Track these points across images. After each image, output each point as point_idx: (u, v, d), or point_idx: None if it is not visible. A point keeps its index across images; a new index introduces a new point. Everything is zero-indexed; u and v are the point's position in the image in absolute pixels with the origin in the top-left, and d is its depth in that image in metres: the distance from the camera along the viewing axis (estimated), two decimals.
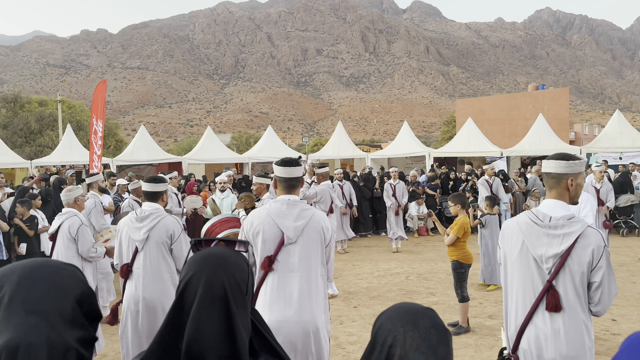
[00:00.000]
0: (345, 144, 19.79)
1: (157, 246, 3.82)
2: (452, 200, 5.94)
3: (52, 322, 1.01)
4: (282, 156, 15.76)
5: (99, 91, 12.52)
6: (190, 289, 1.27)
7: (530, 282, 2.44)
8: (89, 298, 1.12)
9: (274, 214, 2.95)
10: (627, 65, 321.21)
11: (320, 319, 2.91)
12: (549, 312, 2.37)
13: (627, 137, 15.43)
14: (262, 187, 6.29)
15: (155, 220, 3.88)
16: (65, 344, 1.02)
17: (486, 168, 11.18)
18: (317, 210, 3.07)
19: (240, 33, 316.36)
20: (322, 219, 3.03)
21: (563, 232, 2.38)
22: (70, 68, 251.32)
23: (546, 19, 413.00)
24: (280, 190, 3.08)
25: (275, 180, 3.13)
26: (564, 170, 2.49)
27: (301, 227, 2.92)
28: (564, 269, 2.36)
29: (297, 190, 3.07)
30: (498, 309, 6.48)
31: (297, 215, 2.94)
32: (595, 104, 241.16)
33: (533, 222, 2.48)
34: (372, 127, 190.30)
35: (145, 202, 4.07)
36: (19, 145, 33.65)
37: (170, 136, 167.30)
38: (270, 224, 2.94)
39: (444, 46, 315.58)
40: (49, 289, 1.05)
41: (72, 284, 1.09)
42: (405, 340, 1.17)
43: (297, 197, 3.05)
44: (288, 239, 2.90)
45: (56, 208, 8.06)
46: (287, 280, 2.88)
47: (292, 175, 3.03)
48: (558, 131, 22.37)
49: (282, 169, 3.05)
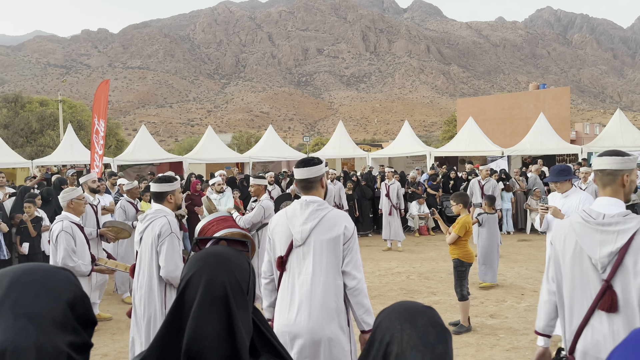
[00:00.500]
0: (346, 143, 19.77)
1: (148, 248, 3.75)
2: (454, 200, 5.94)
3: (42, 326, 1.00)
4: (283, 156, 15.71)
5: (101, 91, 12.52)
6: (191, 289, 1.27)
7: (586, 283, 2.35)
8: (82, 302, 1.10)
9: (288, 215, 2.91)
10: (628, 64, 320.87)
11: (330, 328, 2.70)
12: (605, 312, 2.27)
13: (628, 136, 15.41)
14: (261, 188, 6.28)
15: (147, 222, 3.79)
16: (56, 347, 1.00)
17: (481, 169, 11.14)
18: (332, 210, 2.90)
19: (241, 33, 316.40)
20: (337, 217, 2.85)
21: (618, 229, 2.30)
22: (71, 68, 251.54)
23: (547, 18, 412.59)
24: (299, 191, 3.01)
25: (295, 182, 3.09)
26: (619, 166, 2.43)
27: (309, 229, 2.80)
28: (622, 268, 2.26)
29: (315, 192, 2.93)
30: (499, 308, 6.48)
31: (307, 217, 2.84)
32: (597, 103, 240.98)
33: (585, 221, 2.41)
34: (372, 127, 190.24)
35: (152, 203, 3.98)
36: (20, 145, 33.68)
37: (171, 136, 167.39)
38: (283, 225, 2.90)
39: (444, 45, 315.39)
40: (40, 292, 1.03)
41: (64, 288, 1.07)
42: (403, 338, 1.17)
43: (315, 197, 2.91)
44: (295, 242, 2.83)
45: (57, 208, 8.07)
46: (296, 284, 2.80)
47: (305, 176, 2.92)
48: (559, 130, 22.34)
49: (296, 170, 2.98)
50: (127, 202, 7.43)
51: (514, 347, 5.13)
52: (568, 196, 4.74)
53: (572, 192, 4.76)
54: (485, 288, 7.47)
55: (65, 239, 4.60)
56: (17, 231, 7.35)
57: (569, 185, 4.79)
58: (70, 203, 4.84)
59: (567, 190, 4.77)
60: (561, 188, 4.80)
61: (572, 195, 4.72)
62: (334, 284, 2.77)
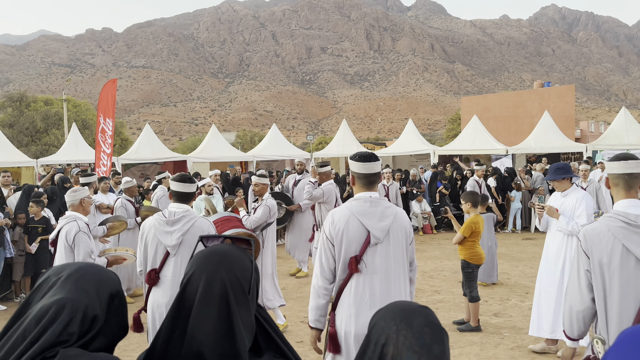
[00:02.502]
0: (350, 142, 19.74)
1: (190, 251, 3.54)
2: (464, 199, 5.89)
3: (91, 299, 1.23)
4: (287, 154, 15.55)
5: (107, 90, 12.55)
6: (192, 287, 1.28)
7: (634, 285, 2.34)
8: (120, 297, 1.31)
9: (357, 213, 2.78)
10: (633, 62, 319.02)
11: None
12: None
13: (633, 134, 15.33)
14: (265, 187, 6.22)
15: (189, 224, 3.62)
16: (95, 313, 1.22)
17: (477, 169, 10.87)
18: (398, 208, 2.90)
19: (245, 31, 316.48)
20: (403, 214, 2.89)
21: None
22: (76, 67, 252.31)
23: (552, 15, 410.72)
24: (360, 187, 2.87)
25: (352, 177, 2.93)
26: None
27: (387, 226, 2.76)
28: None
29: (376, 187, 2.89)
30: (503, 307, 6.46)
31: (381, 214, 2.78)
32: (602, 101, 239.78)
33: (628, 224, 2.40)
34: (376, 125, 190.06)
35: (174, 204, 3.80)
36: (24, 144, 33.83)
37: (175, 135, 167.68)
38: (354, 223, 2.77)
39: (448, 43, 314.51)
40: (94, 278, 1.27)
41: (111, 282, 1.30)
42: (398, 338, 1.15)
43: (377, 194, 2.86)
44: (375, 239, 2.74)
45: (62, 206, 8.10)
46: (372, 282, 2.73)
47: (372, 171, 2.83)
48: (564, 128, 22.23)
49: (360, 165, 2.83)
50: (126, 200, 7.40)
51: (518, 345, 5.11)
52: (567, 195, 4.64)
53: (572, 190, 4.65)
54: (486, 286, 7.43)
55: (84, 240, 4.45)
56: (25, 230, 7.36)
57: (567, 183, 4.68)
58: (82, 202, 4.68)
59: (567, 189, 4.67)
60: (559, 186, 4.70)
61: (570, 194, 4.62)
62: (405, 280, 2.85)
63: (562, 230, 4.62)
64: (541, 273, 4.86)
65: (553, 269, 4.69)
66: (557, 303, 4.58)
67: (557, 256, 4.68)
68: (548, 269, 4.75)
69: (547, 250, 4.80)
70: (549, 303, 4.70)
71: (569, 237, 4.59)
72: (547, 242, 4.86)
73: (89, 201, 4.79)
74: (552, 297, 4.67)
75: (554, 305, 4.62)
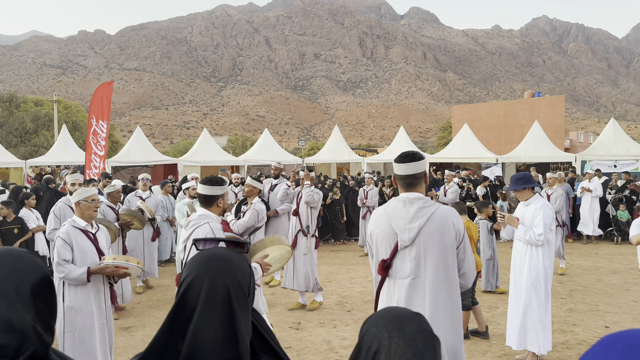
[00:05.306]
0: (342, 148, 19.81)
1: None
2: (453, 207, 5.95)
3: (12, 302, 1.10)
4: (278, 159, 15.52)
5: (102, 92, 12.44)
6: (193, 291, 1.25)
7: None
8: (46, 285, 1.18)
9: (389, 214, 2.66)
10: (622, 74, 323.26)
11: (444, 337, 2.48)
12: None
13: (621, 145, 15.51)
14: (255, 190, 6.21)
15: (192, 229, 3.52)
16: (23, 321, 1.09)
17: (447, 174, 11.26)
18: (441, 207, 2.67)
19: (238, 36, 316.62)
20: (449, 215, 2.63)
21: None
22: (67, 68, 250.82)
23: (543, 26, 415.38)
24: (400, 188, 2.76)
25: (393, 178, 2.86)
26: None
27: (417, 228, 2.57)
28: None
29: (418, 188, 2.71)
30: (491, 314, 6.48)
31: (413, 215, 2.60)
32: (591, 112, 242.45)
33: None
34: (368, 132, 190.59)
35: (199, 207, 3.68)
36: (14, 145, 33.52)
37: (167, 138, 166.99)
38: (384, 224, 2.66)
39: (441, 52, 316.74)
40: (11, 273, 1.13)
41: (31, 270, 1.16)
42: (390, 346, 1.13)
43: (418, 194, 2.68)
44: (402, 242, 2.59)
45: (48, 206, 8.02)
46: (402, 289, 2.59)
47: (409, 172, 2.68)
48: (553, 138, 22.44)
49: (398, 166, 2.72)
50: (107, 206, 6.93)
51: (505, 353, 5.13)
52: (529, 204, 4.73)
53: (533, 200, 4.73)
54: (485, 293, 7.46)
55: (59, 246, 3.95)
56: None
57: (529, 193, 4.75)
58: (77, 205, 4.09)
59: (529, 199, 4.75)
60: (521, 196, 4.79)
61: (532, 204, 4.71)
62: (446, 286, 2.58)
63: (520, 239, 4.71)
64: (510, 283, 4.93)
65: (518, 278, 4.75)
66: (523, 314, 4.62)
67: (520, 266, 4.73)
68: (514, 278, 4.81)
69: (513, 259, 4.88)
70: (513, 314, 4.75)
71: (529, 246, 4.66)
72: (513, 251, 4.95)
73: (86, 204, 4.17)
74: (516, 308, 4.72)
75: (520, 316, 4.65)
